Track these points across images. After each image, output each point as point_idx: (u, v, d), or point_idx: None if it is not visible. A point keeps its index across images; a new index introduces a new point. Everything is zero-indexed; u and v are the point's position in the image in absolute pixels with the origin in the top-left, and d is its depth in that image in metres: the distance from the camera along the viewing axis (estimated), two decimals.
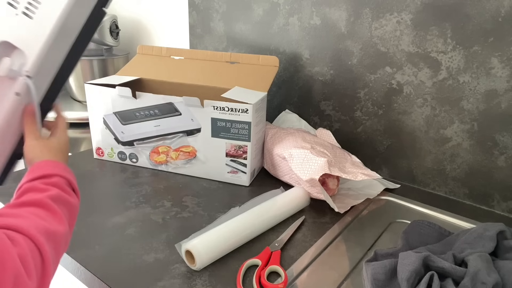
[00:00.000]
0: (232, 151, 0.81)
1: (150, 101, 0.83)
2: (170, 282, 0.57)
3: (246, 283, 0.57)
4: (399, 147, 0.88)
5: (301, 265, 0.62)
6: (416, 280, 0.52)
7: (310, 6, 0.91)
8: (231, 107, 0.77)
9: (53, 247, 0.42)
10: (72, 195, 0.50)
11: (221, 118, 0.78)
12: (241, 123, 0.78)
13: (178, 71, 0.94)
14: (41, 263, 0.39)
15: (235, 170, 0.83)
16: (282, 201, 0.73)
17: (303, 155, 0.75)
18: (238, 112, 0.76)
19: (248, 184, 0.84)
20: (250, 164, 0.82)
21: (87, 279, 0.60)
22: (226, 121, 0.78)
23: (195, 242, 0.59)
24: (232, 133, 0.79)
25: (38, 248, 0.40)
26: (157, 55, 0.99)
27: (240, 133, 0.79)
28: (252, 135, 0.79)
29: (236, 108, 0.76)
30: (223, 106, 0.77)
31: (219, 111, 0.78)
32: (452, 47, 0.75)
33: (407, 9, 0.78)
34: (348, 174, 0.73)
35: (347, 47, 0.88)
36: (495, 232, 0.58)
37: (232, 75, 0.91)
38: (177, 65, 0.96)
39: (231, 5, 1.06)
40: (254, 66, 0.92)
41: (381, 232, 0.71)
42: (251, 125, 0.77)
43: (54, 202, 0.46)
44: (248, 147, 0.79)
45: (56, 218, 0.45)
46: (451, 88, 0.77)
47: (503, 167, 0.75)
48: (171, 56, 0.98)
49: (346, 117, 0.94)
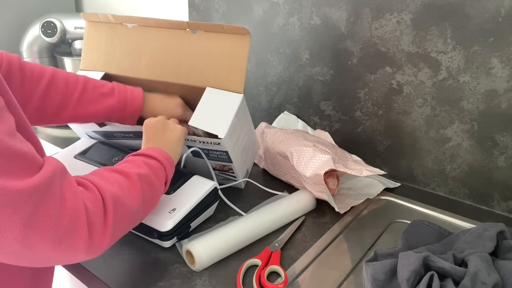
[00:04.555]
0: (218, 167, 0.77)
1: (120, 127, 0.77)
2: (170, 282, 0.57)
3: (246, 283, 0.57)
4: (399, 147, 0.88)
5: (301, 265, 0.62)
6: (416, 280, 0.52)
7: (310, 6, 0.91)
8: (201, 140, 0.70)
9: (119, 215, 0.46)
10: (160, 181, 0.56)
11: (197, 146, 0.72)
12: (218, 151, 0.71)
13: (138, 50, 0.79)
14: (103, 219, 0.43)
15: (226, 178, 0.81)
16: (287, 207, 0.72)
17: (306, 152, 0.76)
18: (210, 144, 0.69)
19: (243, 187, 0.83)
20: (239, 173, 0.78)
21: (87, 279, 0.60)
22: (202, 149, 0.72)
23: (196, 243, 0.60)
24: (212, 156, 0.73)
25: (105, 208, 0.44)
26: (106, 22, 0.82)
27: (220, 157, 0.73)
28: (233, 157, 0.72)
29: (207, 142, 0.69)
30: (193, 139, 0.70)
31: (191, 142, 0.71)
32: (452, 47, 0.75)
33: (407, 9, 0.78)
34: (353, 170, 0.73)
35: (347, 47, 0.88)
36: (495, 232, 0.58)
37: (198, 53, 0.75)
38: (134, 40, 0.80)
39: (231, 5, 1.06)
40: (220, 35, 0.74)
41: (381, 232, 0.71)
42: (229, 152, 0.70)
43: (139, 180, 0.51)
44: (232, 165, 0.74)
45: (133, 194, 0.49)
46: (451, 88, 0.77)
47: (503, 167, 0.75)
48: (122, 23, 0.81)
49: (346, 117, 0.94)
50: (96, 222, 0.42)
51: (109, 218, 0.44)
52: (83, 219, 0.40)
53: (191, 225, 0.66)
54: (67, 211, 0.39)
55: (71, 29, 1.22)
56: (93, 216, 0.42)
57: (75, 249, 0.40)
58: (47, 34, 1.20)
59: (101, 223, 0.43)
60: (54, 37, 1.20)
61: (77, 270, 0.61)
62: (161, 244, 0.64)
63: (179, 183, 0.69)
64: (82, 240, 0.40)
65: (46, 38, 1.21)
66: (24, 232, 0.36)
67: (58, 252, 0.39)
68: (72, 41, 1.24)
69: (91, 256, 0.43)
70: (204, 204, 0.68)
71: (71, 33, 1.22)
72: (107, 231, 0.43)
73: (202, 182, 0.70)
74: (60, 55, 1.25)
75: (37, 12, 1.31)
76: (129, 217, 0.49)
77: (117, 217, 0.45)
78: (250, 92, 1.10)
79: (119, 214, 0.46)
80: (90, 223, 0.41)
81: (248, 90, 1.11)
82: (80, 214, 0.40)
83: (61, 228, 0.38)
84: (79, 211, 0.40)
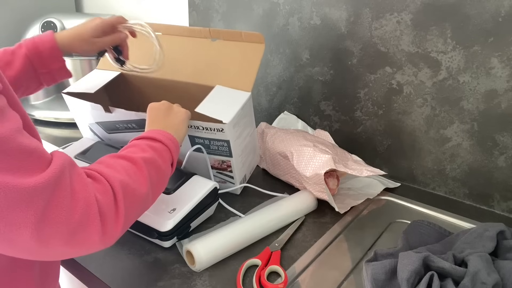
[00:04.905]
0: (216, 165, 0.76)
1: (124, 115, 0.77)
2: (170, 282, 0.57)
3: (246, 283, 0.57)
4: (399, 147, 0.88)
5: (301, 265, 0.62)
6: (416, 280, 0.52)
7: (310, 6, 0.91)
8: (205, 126, 0.69)
9: (129, 202, 0.46)
10: (166, 164, 0.55)
11: (198, 135, 0.72)
12: (220, 141, 0.71)
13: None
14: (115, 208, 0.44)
15: (223, 181, 0.80)
16: (288, 208, 0.72)
17: (306, 152, 0.76)
18: (213, 131, 0.69)
19: (238, 193, 0.81)
20: (237, 175, 0.77)
21: (87, 279, 0.60)
22: (204, 138, 0.72)
23: (197, 243, 0.59)
24: (212, 149, 0.73)
25: (115, 197, 0.44)
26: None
27: (220, 149, 0.72)
28: (233, 150, 0.72)
29: (210, 128, 0.69)
30: (197, 126, 0.70)
31: (194, 129, 0.71)
32: (452, 47, 0.75)
33: (407, 9, 0.78)
34: (354, 170, 0.73)
35: (347, 47, 0.88)
36: (495, 232, 0.58)
37: (214, 57, 0.80)
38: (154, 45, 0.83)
39: (231, 5, 1.06)
40: (237, 43, 0.79)
41: (381, 232, 0.71)
42: (230, 142, 0.70)
43: (145, 164, 0.51)
44: (231, 161, 0.74)
45: (141, 179, 0.49)
46: (451, 88, 0.77)
47: (503, 167, 0.75)
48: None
49: (346, 117, 0.94)
50: (107, 211, 0.42)
51: (120, 206, 0.44)
52: (94, 210, 0.40)
53: (191, 225, 0.66)
54: (78, 203, 0.39)
55: None
56: (105, 206, 0.42)
57: (89, 240, 0.40)
58: None
59: (113, 212, 0.43)
60: None
61: (77, 270, 0.61)
62: (161, 244, 0.64)
63: (179, 183, 0.69)
64: (95, 231, 0.40)
65: None
66: (38, 228, 0.36)
67: (73, 244, 0.40)
68: None
69: (105, 245, 0.43)
70: (204, 204, 0.68)
71: None
72: (120, 220, 0.44)
73: (202, 182, 0.70)
74: None
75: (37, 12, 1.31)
76: (139, 202, 0.49)
77: (128, 204, 0.45)
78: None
79: (129, 201, 0.46)
80: (102, 213, 0.41)
81: None
82: (92, 205, 0.40)
83: (74, 220, 0.39)
84: (90, 202, 0.40)
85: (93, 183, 0.43)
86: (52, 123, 1.16)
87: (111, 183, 0.44)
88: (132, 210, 0.47)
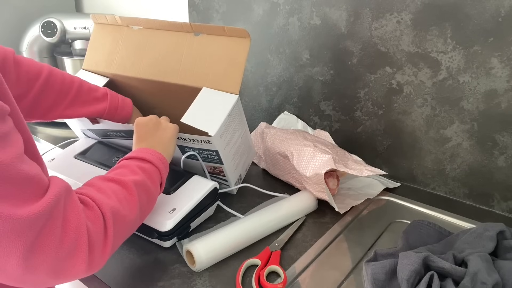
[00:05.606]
0: (209, 170, 0.76)
1: (111, 125, 0.76)
2: (170, 282, 0.57)
3: (246, 283, 0.57)
4: (399, 147, 0.88)
5: (301, 265, 0.62)
6: (416, 280, 0.52)
7: (310, 6, 0.91)
8: (192, 138, 0.68)
9: (118, 229, 0.46)
10: (156, 186, 0.55)
11: (187, 146, 0.71)
12: (209, 150, 0.70)
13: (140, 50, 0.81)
14: (103, 237, 0.43)
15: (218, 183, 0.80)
16: (288, 208, 0.72)
17: (307, 152, 0.76)
18: (201, 142, 0.68)
19: (234, 193, 0.81)
20: (231, 178, 0.77)
21: (87, 279, 0.60)
22: (193, 148, 0.71)
23: (197, 243, 0.59)
24: (202, 157, 0.72)
25: (105, 225, 0.44)
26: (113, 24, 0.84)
27: (211, 158, 0.72)
28: (223, 158, 0.71)
29: (197, 140, 0.68)
30: (184, 137, 0.69)
31: (182, 140, 0.70)
32: (452, 47, 0.75)
33: (407, 9, 0.78)
34: (354, 170, 0.73)
35: (347, 47, 0.88)
36: (495, 232, 0.58)
37: (198, 54, 0.76)
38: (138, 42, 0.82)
39: (231, 5, 1.06)
40: (222, 38, 0.75)
41: (381, 232, 0.71)
42: (219, 152, 0.69)
43: (136, 187, 0.50)
44: (223, 168, 0.74)
45: (131, 204, 0.49)
46: (451, 88, 0.77)
47: (503, 167, 0.75)
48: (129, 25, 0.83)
49: (346, 117, 0.94)
50: (96, 240, 0.42)
51: (109, 234, 0.44)
52: (84, 239, 0.40)
53: (191, 225, 0.66)
54: (69, 233, 0.39)
55: (71, 29, 1.21)
56: (94, 235, 0.42)
57: (75, 268, 0.40)
58: (47, 34, 1.20)
59: (102, 241, 0.43)
60: (54, 37, 1.20)
61: None
62: (161, 244, 0.64)
63: (179, 183, 0.69)
64: (82, 260, 0.40)
65: (46, 38, 1.21)
66: (26, 257, 0.36)
67: (59, 272, 0.39)
68: (72, 41, 1.24)
69: (91, 273, 0.43)
70: (204, 204, 0.68)
71: (71, 33, 1.22)
72: (107, 248, 0.44)
73: (202, 182, 0.70)
74: (60, 55, 1.25)
75: (37, 12, 1.31)
76: (128, 228, 0.49)
77: (117, 231, 0.45)
78: (250, 92, 1.10)
79: (119, 228, 0.46)
80: (91, 242, 0.41)
81: (248, 90, 1.11)
82: (82, 235, 0.40)
83: (63, 250, 0.38)
84: (81, 231, 0.40)
85: (85, 210, 0.42)
86: (52, 123, 1.16)
87: (102, 210, 0.44)
88: (120, 236, 0.47)
